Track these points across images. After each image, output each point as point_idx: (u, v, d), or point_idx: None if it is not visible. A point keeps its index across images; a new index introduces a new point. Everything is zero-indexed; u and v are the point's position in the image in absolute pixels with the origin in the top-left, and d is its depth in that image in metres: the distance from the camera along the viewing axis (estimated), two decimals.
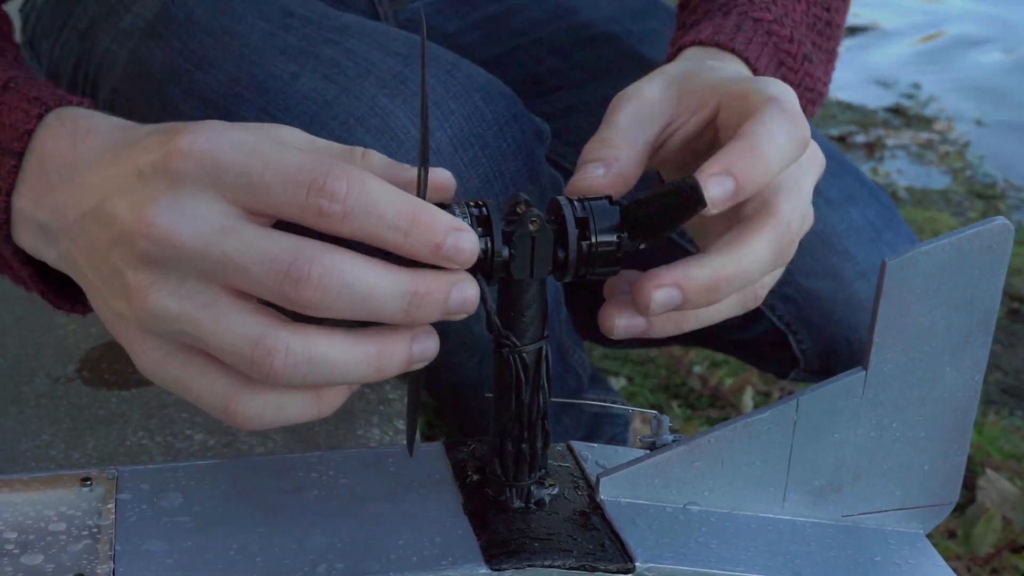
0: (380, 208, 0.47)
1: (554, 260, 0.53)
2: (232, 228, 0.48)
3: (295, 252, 0.47)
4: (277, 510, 0.56)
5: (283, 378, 0.49)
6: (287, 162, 0.48)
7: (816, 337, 0.97)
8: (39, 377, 0.99)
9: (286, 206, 0.48)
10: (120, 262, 0.50)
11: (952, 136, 2.96)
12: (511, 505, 0.57)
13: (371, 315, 0.49)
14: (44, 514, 0.55)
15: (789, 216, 0.60)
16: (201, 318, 0.49)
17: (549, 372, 0.56)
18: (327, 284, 0.47)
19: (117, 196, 0.50)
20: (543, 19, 1.08)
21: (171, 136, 0.49)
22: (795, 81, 0.80)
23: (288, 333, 0.48)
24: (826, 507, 0.59)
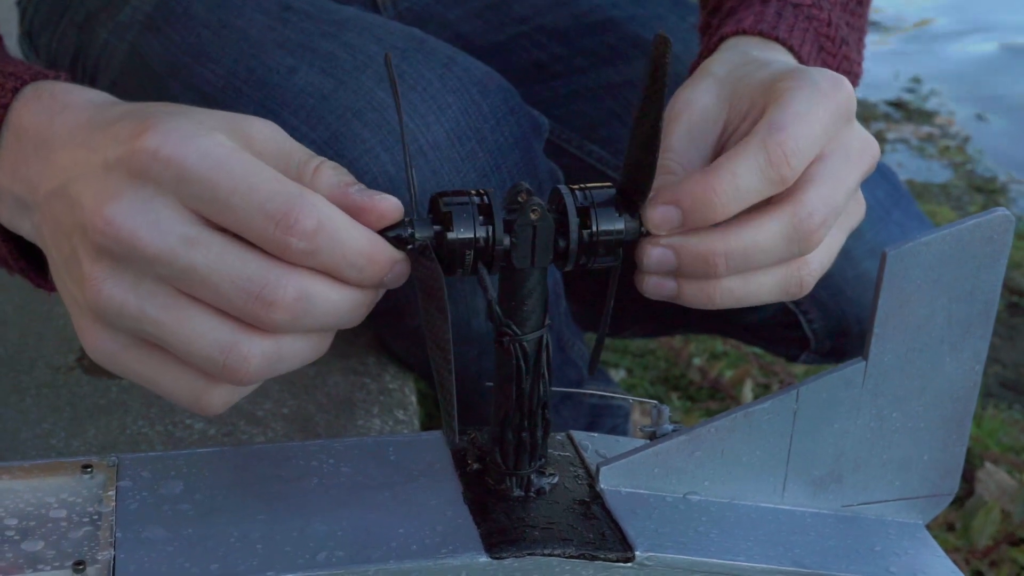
0: (344, 247, 0.49)
1: (555, 249, 0.53)
2: (197, 239, 0.48)
3: (266, 275, 0.48)
4: (278, 498, 0.56)
5: (254, 379, 0.50)
6: (257, 189, 0.48)
7: (826, 316, 0.98)
8: (39, 366, 0.99)
9: (251, 233, 0.48)
10: (79, 248, 0.50)
11: (953, 130, 2.96)
12: (511, 494, 0.57)
13: (324, 327, 0.51)
14: (45, 501, 0.55)
15: (812, 206, 0.57)
16: (163, 320, 0.49)
17: (550, 361, 0.56)
18: (296, 307, 0.49)
19: (82, 182, 0.50)
20: (545, 5, 1.08)
21: (140, 129, 0.49)
22: (834, 65, 0.79)
23: (259, 338, 0.49)
24: (826, 497, 0.59)
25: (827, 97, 0.59)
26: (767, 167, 0.55)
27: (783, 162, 0.56)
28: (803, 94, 0.58)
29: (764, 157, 0.55)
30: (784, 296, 0.60)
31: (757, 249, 0.57)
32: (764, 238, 0.57)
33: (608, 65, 1.05)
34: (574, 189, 0.54)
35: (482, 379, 0.93)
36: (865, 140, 0.62)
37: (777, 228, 0.57)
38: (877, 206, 0.95)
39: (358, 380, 0.99)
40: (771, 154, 0.55)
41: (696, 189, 0.55)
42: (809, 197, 0.57)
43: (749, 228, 0.56)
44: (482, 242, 0.51)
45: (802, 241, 0.57)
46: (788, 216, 0.57)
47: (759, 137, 0.56)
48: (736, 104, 0.63)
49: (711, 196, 0.55)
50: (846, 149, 0.60)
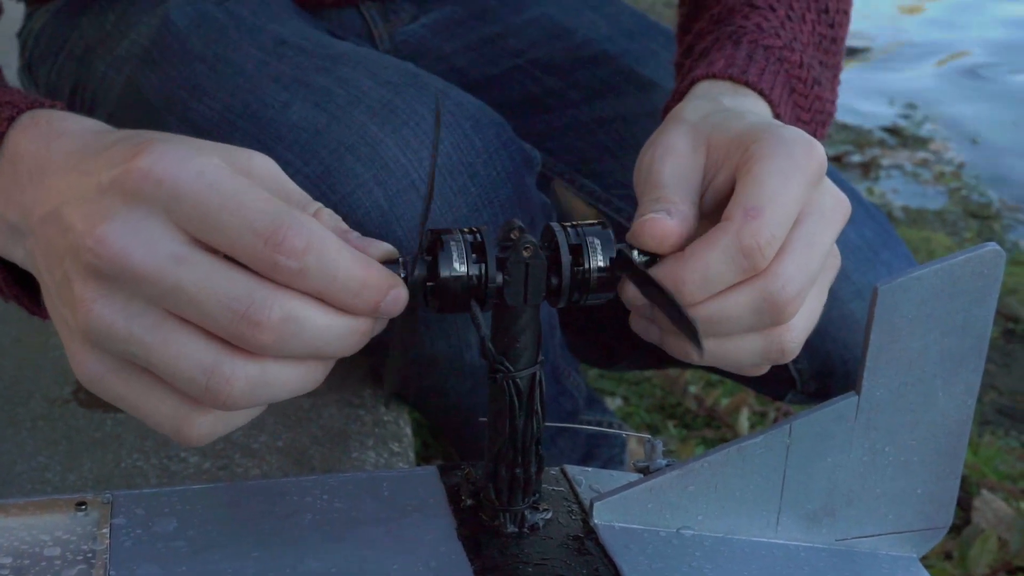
0: (334, 270, 0.48)
1: (548, 286, 0.54)
2: (186, 258, 0.48)
3: (253, 295, 0.48)
4: (272, 535, 0.56)
5: (239, 404, 0.50)
6: (247, 206, 0.48)
7: (812, 356, 0.97)
8: (36, 399, 0.99)
9: (240, 251, 0.48)
10: (71, 271, 0.50)
11: (947, 156, 2.97)
12: (505, 530, 0.57)
13: (316, 353, 0.50)
14: (39, 539, 0.55)
15: (785, 278, 0.56)
16: (149, 341, 0.49)
17: (543, 397, 0.56)
18: (283, 329, 0.48)
19: (74, 205, 0.50)
20: (540, 39, 1.09)
21: (135, 152, 0.49)
22: (805, 106, 0.79)
23: (243, 360, 0.49)
24: (820, 531, 0.60)
25: (800, 168, 0.58)
26: (739, 257, 0.55)
27: (756, 253, 0.55)
28: (777, 166, 0.58)
29: (737, 247, 0.55)
30: (766, 361, 0.60)
31: (725, 318, 0.56)
32: (732, 310, 0.56)
33: (601, 99, 1.06)
34: (566, 227, 0.55)
35: (476, 412, 0.93)
36: (836, 198, 0.61)
37: (745, 301, 0.56)
38: (865, 247, 0.95)
39: (353, 412, 0.99)
40: (744, 245, 0.55)
41: (667, 277, 0.55)
42: (783, 268, 0.56)
43: (716, 299, 0.56)
44: (475, 280, 0.52)
45: (774, 312, 0.57)
46: (758, 290, 0.56)
47: (733, 226, 0.55)
48: (712, 153, 0.63)
49: (680, 287, 0.55)
50: (820, 211, 0.59)
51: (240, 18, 0.92)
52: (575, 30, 1.09)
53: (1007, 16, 4.37)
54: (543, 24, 1.10)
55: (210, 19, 0.91)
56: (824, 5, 0.84)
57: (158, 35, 0.92)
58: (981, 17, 4.34)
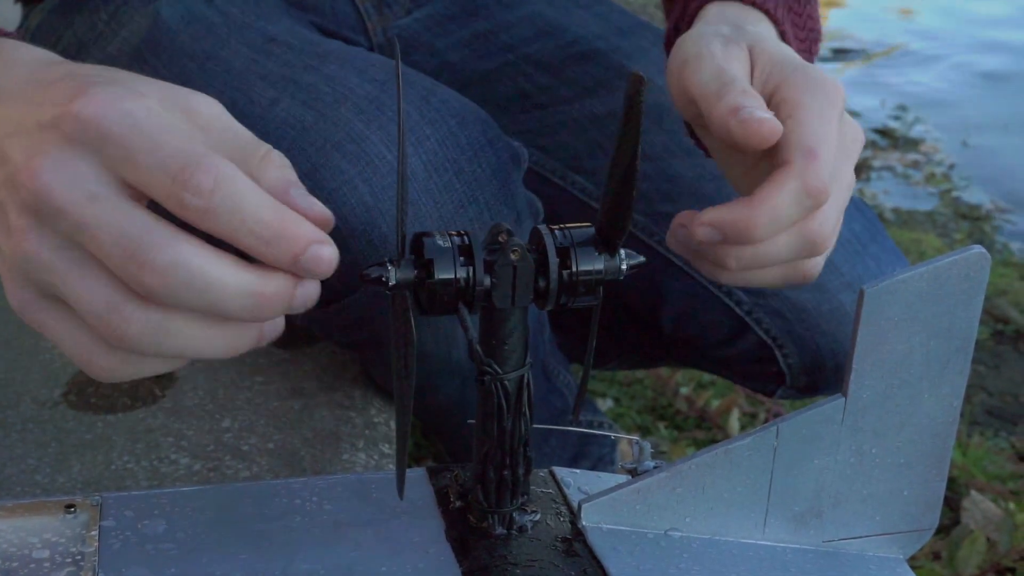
0: (243, 212, 0.48)
1: (535, 289, 0.54)
2: (100, 196, 0.48)
3: (144, 235, 0.48)
4: (261, 537, 0.57)
5: (138, 347, 0.50)
6: (163, 146, 0.48)
7: (802, 350, 0.98)
8: (25, 401, 0.99)
9: (152, 189, 0.48)
10: (8, 201, 0.50)
11: (938, 157, 2.98)
12: (493, 531, 0.57)
13: (214, 310, 0.49)
14: (28, 541, 0.55)
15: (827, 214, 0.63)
16: (66, 273, 0.50)
17: (531, 399, 0.56)
18: (171, 274, 0.48)
19: (15, 138, 0.51)
20: (531, 36, 1.09)
21: (73, 93, 0.49)
22: (800, 24, 0.82)
23: (143, 306, 0.49)
24: (807, 533, 0.60)
25: (835, 108, 0.65)
26: (805, 198, 0.61)
27: (822, 192, 0.62)
28: (817, 108, 0.64)
29: (803, 188, 0.61)
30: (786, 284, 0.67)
31: (770, 255, 0.63)
32: (778, 248, 0.63)
33: (592, 96, 1.06)
34: (554, 229, 0.55)
35: (466, 410, 0.93)
36: (854, 130, 0.67)
37: (792, 240, 0.63)
38: (854, 240, 0.96)
39: (344, 414, 0.99)
40: (810, 186, 0.61)
41: (739, 220, 0.61)
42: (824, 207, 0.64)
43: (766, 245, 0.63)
44: (462, 282, 0.52)
45: (815, 248, 0.64)
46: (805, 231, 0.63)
47: (796, 168, 0.61)
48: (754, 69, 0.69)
49: (752, 229, 0.61)
50: (844, 146, 0.66)
51: (230, 16, 0.92)
52: (566, 27, 1.10)
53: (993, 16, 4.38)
54: (534, 21, 1.10)
55: (200, 17, 0.92)
56: None
57: (149, 33, 0.92)
58: (970, 18, 4.35)
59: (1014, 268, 2.26)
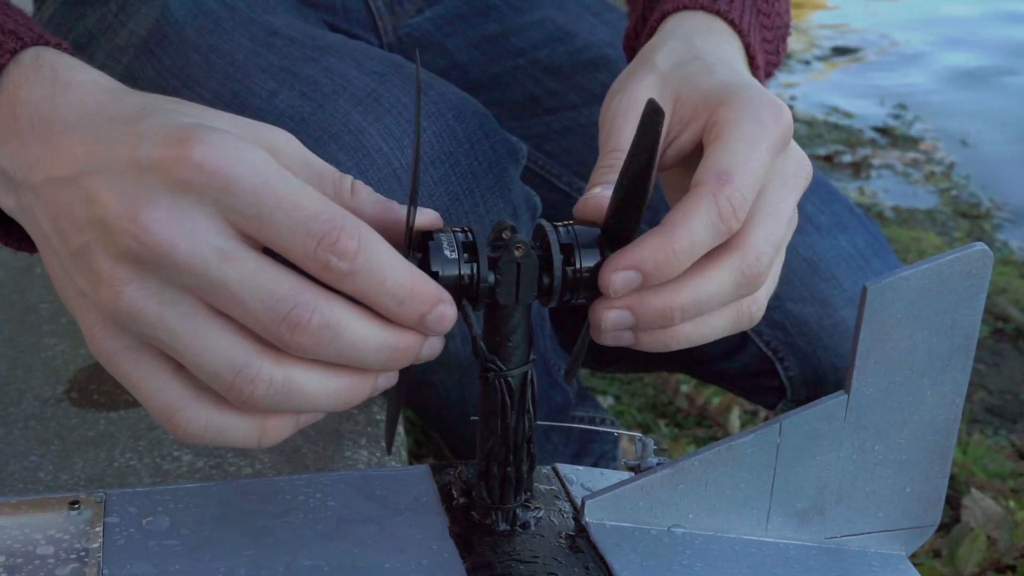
0: (384, 275, 0.48)
1: (539, 286, 0.54)
2: (232, 254, 0.48)
3: (298, 296, 0.48)
4: (265, 533, 0.57)
5: (260, 406, 0.50)
6: (300, 206, 0.48)
7: (803, 363, 0.98)
8: (27, 398, 0.99)
9: (292, 251, 0.48)
10: (95, 245, 0.49)
11: (938, 156, 2.98)
12: (497, 528, 0.58)
13: (351, 362, 0.50)
14: (32, 538, 0.55)
15: (759, 249, 0.58)
16: (181, 331, 0.49)
17: (534, 396, 0.56)
18: (322, 334, 0.48)
19: (104, 179, 0.49)
20: (541, 41, 1.09)
21: (181, 138, 0.48)
22: (769, 24, 0.80)
23: (272, 363, 0.49)
24: (809, 529, 0.60)
25: (768, 133, 0.59)
26: (718, 222, 0.56)
27: (732, 216, 0.56)
28: (744, 131, 0.59)
29: (716, 213, 0.56)
30: (735, 330, 0.61)
31: (710, 297, 0.57)
32: (716, 287, 0.57)
33: (599, 103, 1.06)
34: (557, 226, 0.55)
35: (466, 405, 0.93)
36: (799, 162, 0.62)
37: (728, 277, 0.57)
38: (857, 255, 0.96)
39: (346, 412, 0.99)
40: (722, 209, 0.56)
41: (657, 253, 0.55)
42: (754, 240, 0.58)
43: (701, 280, 0.57)
44: (466, 279, 0.52)
45: (751, 284, 0.58)
46: (737, 263, 0.57)
47: (708, 190, 0.56)
48: (679, 109, 0.64)
49: (671, 258, 0.55)
50: (783, 178, 0.60)
51: (236, 10, 0.92)
52: (577, 34, 1.10)
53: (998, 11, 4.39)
54: (545, 26, 1.10)
55: (207, 11, 0.92)
56: None
57: (156, 25, 0.92)
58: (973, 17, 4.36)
59: (1014, 266, 2.26)
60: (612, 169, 0.61)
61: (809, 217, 0.96)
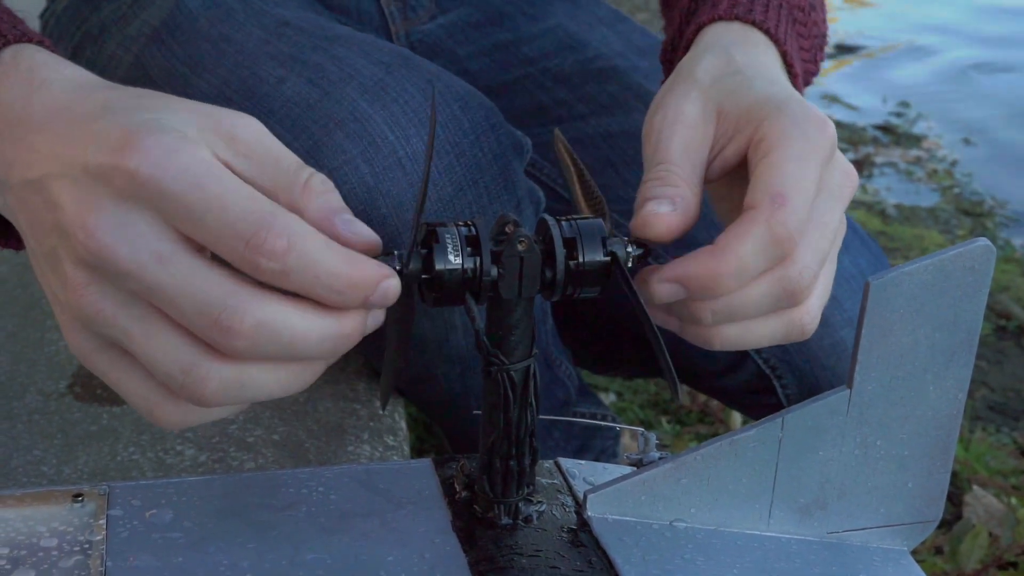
0: (317, 268, 0.48)
1: (542, 280, 0.54)
2: (168, 257, 0.48)
3: (227, 300, 0.48)
4: (268, 526, 0.57)
5: (213, 403, 0.50)
6: (230, 206, 0.48)
7: (801, 382, 0.98)
8: (31, 393, 0.99)
9: (225, 252, 0.48)
10: (60, 251, 0.50)
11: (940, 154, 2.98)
12: (499, 522, 0.58)
13: (295, 357, 0.50)
14: (36, 530, 0.56)
15: (803, 264, 0.58)
16: (134, 332, 0.49)
17: (537, 390, 0.56)
18: (257, 335, 0.48)
19: (62, 183, 0.50)
20: (552, 50, 1.10)
21: (121, 145, 0.48)
22: (805, 34, 0.79)
23: (219, 362, 0.49)
24: (811, 524, 0.60)
25: (817, 149, 0.59)
26: (771, 247, 0.56)
27: (788, 241, 0.56)
28: (794, 149, 0.59)
29: (769, 237, 0.56)
30: (786, 340, 0.61)
31: (745, 306, 0.57)
32: (754, 297, 0.57)
33: (608, 114, 1.06)
34: (560, 220, 0.55)
35: (467, 399, 0.93)
36: (845, 172, 0.62)
37: (767, 289, 0.57)
38: (859, 275, 0.96)
39: (348, 406, 0.99)
40: (775, 234, 0.56)
41: (702, 272, 0.55)
42: (800, 254, 0.57)
43: (738, 291, 0.57)
44: (470, 273, 0.52)
45: (792, 297, 0.58)
46: (779, 276, 0.57)
47: (762, 215, 0.56)
48: (722, 123, 0.64)
49: (717, 280, 0.56)
50: (829, 189, 0.60)
51: (250, 2, 0.93)
52: (588, 43, 1.10)
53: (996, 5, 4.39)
54: (557, 35, 1.10)
55: (220, 2, 0.93)
56: None
57: (170, 16, 0.93)
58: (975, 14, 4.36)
59: (1016, 264, 2.26)
60: (663, 182, 0.61)
61: None
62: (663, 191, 0.60)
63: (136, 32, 0.94)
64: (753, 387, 1.01)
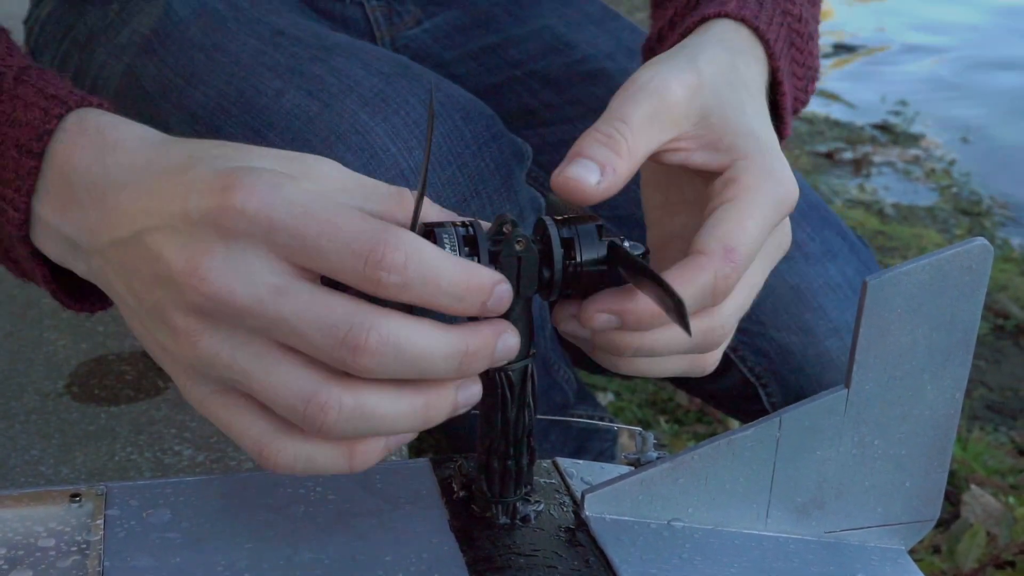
0: (437, 277, 0.48)
1: (540, 280, 0.54)
2: (286, 289, 0.48)
3: (352, 319, 0.48)
4: (265, 526, 0.57)
5: (335, 433, 0.49)
6: (343, 228, 0.48)
7: (786, 391, 0.98)
8: (28, 392, 1.00)
9: (343, 273, 0.48)
10: (166, 302, 0.50)
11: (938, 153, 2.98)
12: (497, 522, 0.58)
13: (423, 375, 0.50)
14: (33, 530, 0.56)
15: (724, 319, 0.59)
16: (252, 370, 0.49)
17: (535, 390, 0.56)
18: (384, 352, 0.48)
19: (163, 235, 0.50)
20: (540, 52, 1.09)
21: (223, 186, 0.49)
22: (800, 61, 0.78)
23: (340, 389, 0.49)
24: (809, 524, 0.60)
25: (776, 213, 0.60)
26: (709, 296, 0.56)
27: (723, 294, 0.57)
28: (760, 208, 0.59)
29: (711, 288, 0.56)
30: (685, 375, 0.62)
31: (664, 347, 0.58)
32: (674, 342, 0.58)
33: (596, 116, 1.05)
34: (558, 220, 0.55)
35: None
36: (785, 234, 0.63)
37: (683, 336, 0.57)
38: (845, 285, 0.95)
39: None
40: (717, 287, 0.56)
41: (642, 310, 0.55)
42: (723, 311, 0.59)
43: (664, 333, 0.57)
44: None
45: (707, 346, 0.60)
46: (703, 328, 0.58)
47: (712, 265, 0.56)
48: (701, 127, 0.62)
49: (653, 319, 0.55)
50: (767, 251, 0.61)
51: (240, 9, 0.92)
52: (576, 45, 1.09)
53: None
54: (544, 37, 1.10)
55: (211, 10, 0.92)
56: None
57: (159, 24, 0.92)
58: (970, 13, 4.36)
59: (1014, 263, 2.26)
60: (606, 142, 0.60)
61: (799, 244, 0.94)
62: (600, 153, 0.59)
63: (126, 41, 0.94)
64: (739, 393, 1.01)
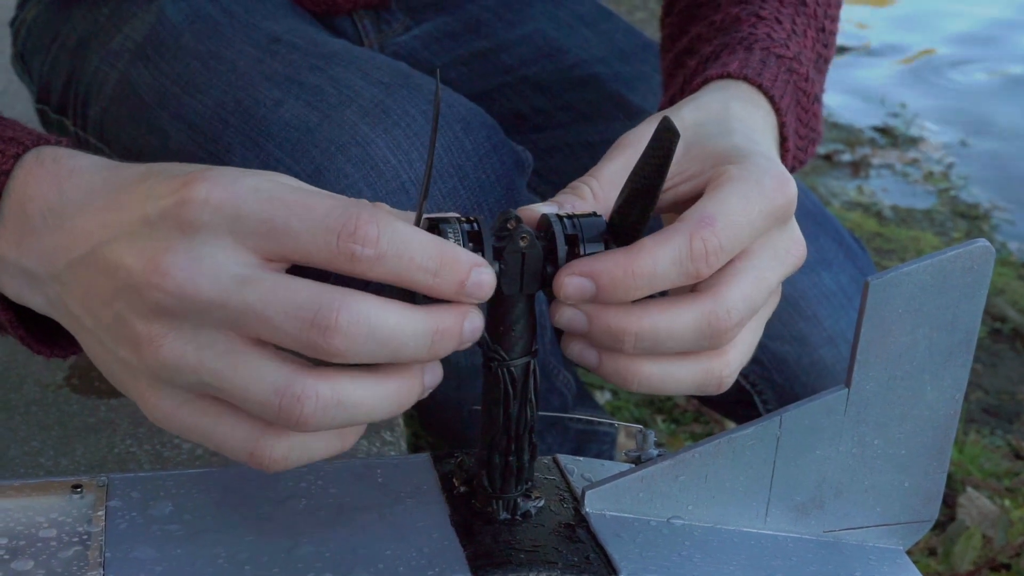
0: (411, 251, 0.48)
1: (543, 276, 0.54)
2: (250, 277, 0.48)
3: (320, 300, 0.47)
4: (266, 519, 0.57)
5: (313, 424, 0.49)
6: (314, 207, 0.48)
7: (780, 398, 0.98)
8: (28, 384, 1.00)
9: (315, 252, 0.48)
10: (126, 311, 0.49)
11: (937, 156, 2.98)
12: (497, 517, 0.58)
13: (395, 357, 0.49)
14: (35, 520, 0.56)
15: (730, 304, 0.56)
16: (220, 368, 0.48)
17: (537, 386, 0.56)
18: (354, 331, 0.47)
19: (120, 243, 0.49)
20: (531, 57, 1.09)
21: (183, 183, 0.48)
22: (805, 120, 0.78)
23: (315, 379, 0.48)
24: (808, 523, 0.60)
25: (766, 198, 0.57)
26: (687, 260, 0.54)
27: (702, 259, 0.54)
28: (743, 188, 0.57)
29: (687, 250, 0.54)
30: (701, 391, 0.59)
31: (667, 335, 0.55)
32: (677, 326, 0.55)
33: (587, 122, 1.05)
34: (562, 217, 0.55)
35: (463, 405, 0.93)
36: (795, 242, 0.61)
37: (691, 319, 0.55)
38: (840, 292, 0.95)
39: None
40: (694, 249, 0.54)
41: (615, 269, 0.53)
42: (730, 294, 0.56)
43: (664, 314, 0.55)
44: None
45: (713, 337, 0.56)
46: (705, 310, 0.55)
47: (686, 227, 0.55)
48: (685, 162, 0.62)
49: (628, 279, 0.53)
50: (774, 248, 0.59)
51: (234, 15, 0.92)
52: (568, 49, 1.09)
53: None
54: (536, 41, 1.09)
55: (205, 15, 0.91)
56: (821, 24, 0.84)
57: (152, 31, 0.91)
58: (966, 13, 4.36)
59: (1011, 267, 2.26)
60: (574, 191, 0.60)
61: None
62: (568, 200, 0.60)
63: (119, 47, 0.93)
64: (733, 398, 1.01)
